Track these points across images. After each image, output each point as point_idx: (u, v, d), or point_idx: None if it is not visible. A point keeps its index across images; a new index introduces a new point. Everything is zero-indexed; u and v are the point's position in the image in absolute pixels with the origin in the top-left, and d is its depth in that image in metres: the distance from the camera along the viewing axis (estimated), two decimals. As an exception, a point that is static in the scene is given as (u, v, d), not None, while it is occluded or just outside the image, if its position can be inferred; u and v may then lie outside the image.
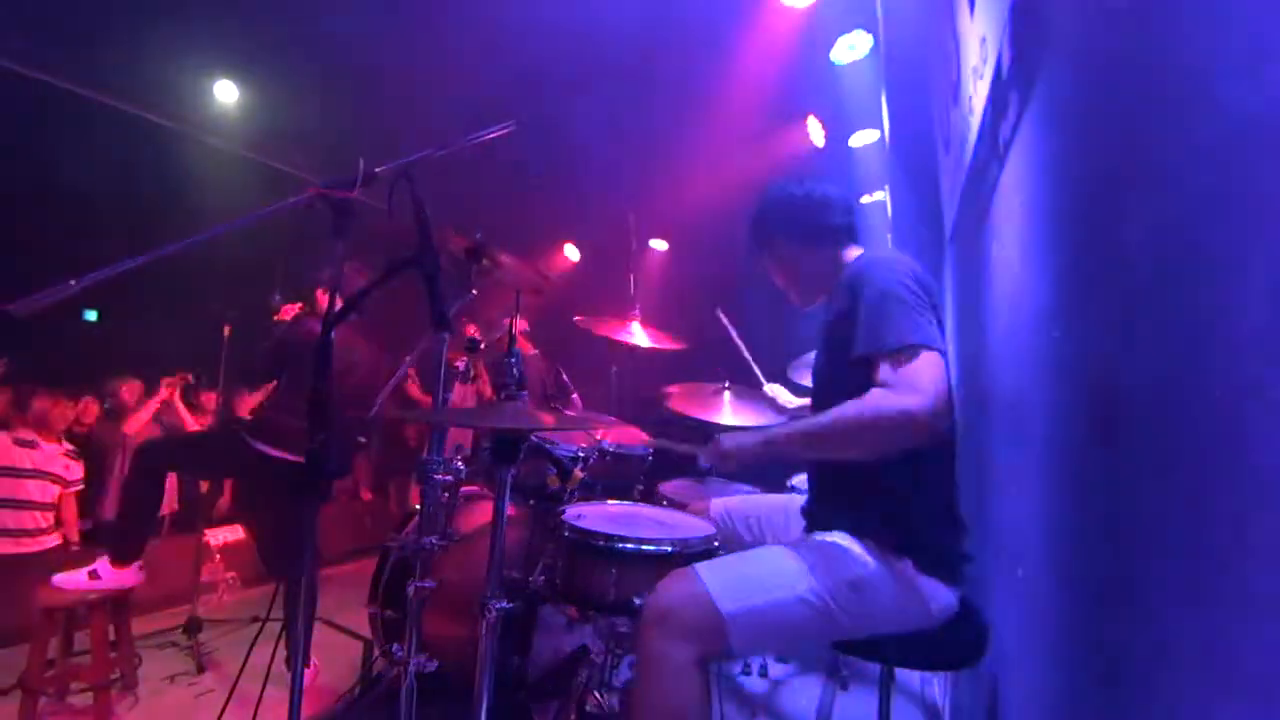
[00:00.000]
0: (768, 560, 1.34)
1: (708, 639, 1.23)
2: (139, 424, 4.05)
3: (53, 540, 3.50)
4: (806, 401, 2.35)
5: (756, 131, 4.71)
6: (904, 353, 1.22)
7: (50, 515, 3.50)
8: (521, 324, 3.71)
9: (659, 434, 2.26)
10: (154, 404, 4.09)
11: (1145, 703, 0.71)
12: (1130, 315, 0.78)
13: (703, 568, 1.30)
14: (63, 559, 3.33)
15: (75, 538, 3.66)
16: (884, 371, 1.23)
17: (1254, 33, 0.52)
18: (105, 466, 4.19)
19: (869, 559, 1.30)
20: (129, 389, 4.39)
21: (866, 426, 1.21)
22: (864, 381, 1.27)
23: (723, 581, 1.26)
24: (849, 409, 1.22)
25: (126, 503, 2.59)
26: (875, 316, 1.28)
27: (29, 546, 3.36)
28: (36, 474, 3.46)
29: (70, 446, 3.70)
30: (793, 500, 1.74)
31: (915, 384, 1.19)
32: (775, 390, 2.38)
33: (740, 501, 1.84)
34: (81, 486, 3.68)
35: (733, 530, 1.75)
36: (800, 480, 2.61)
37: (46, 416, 3.59)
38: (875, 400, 1.21)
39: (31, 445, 3.49)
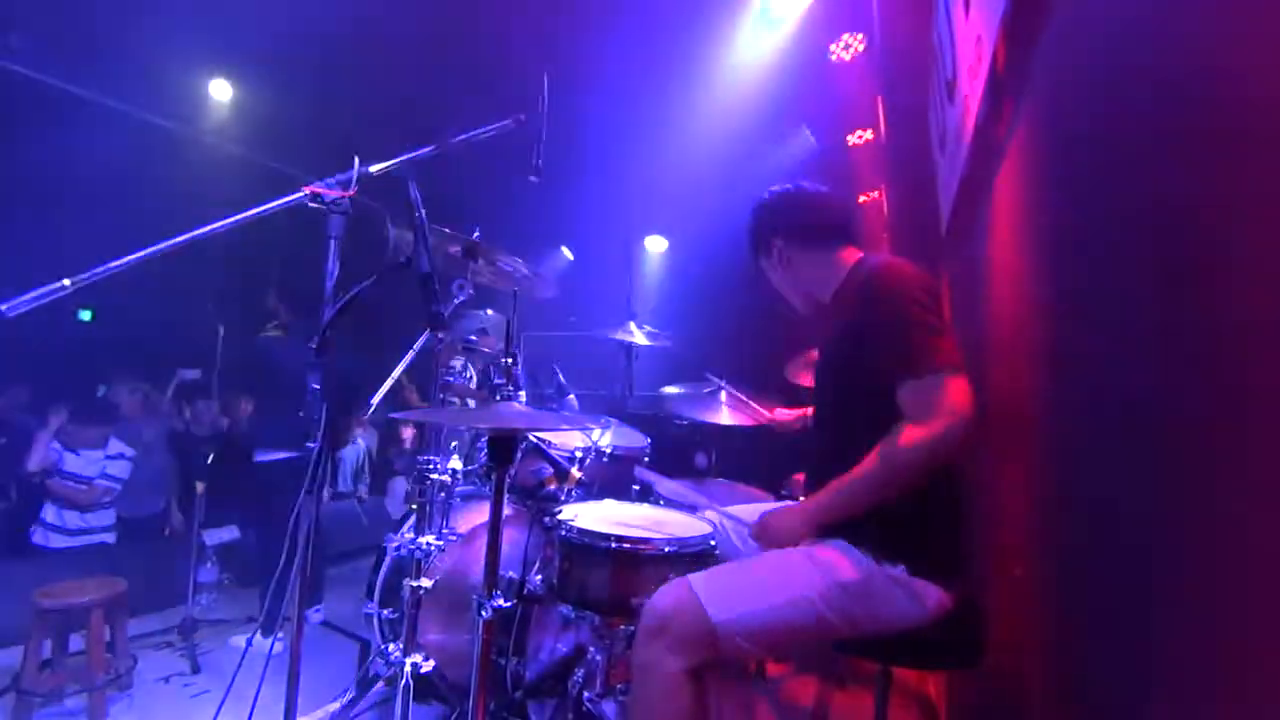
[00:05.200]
0: (761, 568, 1.34)
1: (701, 648, 1.24)
2: None
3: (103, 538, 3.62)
4: (799, 412, 2.35)
5: (755, 131, 4.71)
6: (927, 378, 1.23)
7: (105, 515, 3.63)
8: None
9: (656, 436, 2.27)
10: None
11: (1142, 701, 0.71)
12: (1126, 314, 0.78)
13: (695, 578, 1.31)
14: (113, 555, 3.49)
15: None
16: (908, 398, 1.25)
17: (1251, 30, 0.52)
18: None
19: (863, 565, 1.30)
20: (131, 401, 4.34)
21: (902, 465, 1.23)
22: (877, 394, 1.28)
23: (715, 590, 1.27)
24: (880, 456, 1.24)
25: None
26: (894, 339, 1.28)
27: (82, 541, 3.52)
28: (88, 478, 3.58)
29: (118, 450, 3.71)
30: None
31: (941, 408, 1.21)
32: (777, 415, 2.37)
33: (735, 509, 1.84)
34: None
35: (728, 538, 1.74)
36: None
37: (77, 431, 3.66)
38: (904, 438, 1.23)
39: (75, 451, 3.56)
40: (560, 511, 1.82)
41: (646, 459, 2.39)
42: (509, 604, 1.37)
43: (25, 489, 3.69)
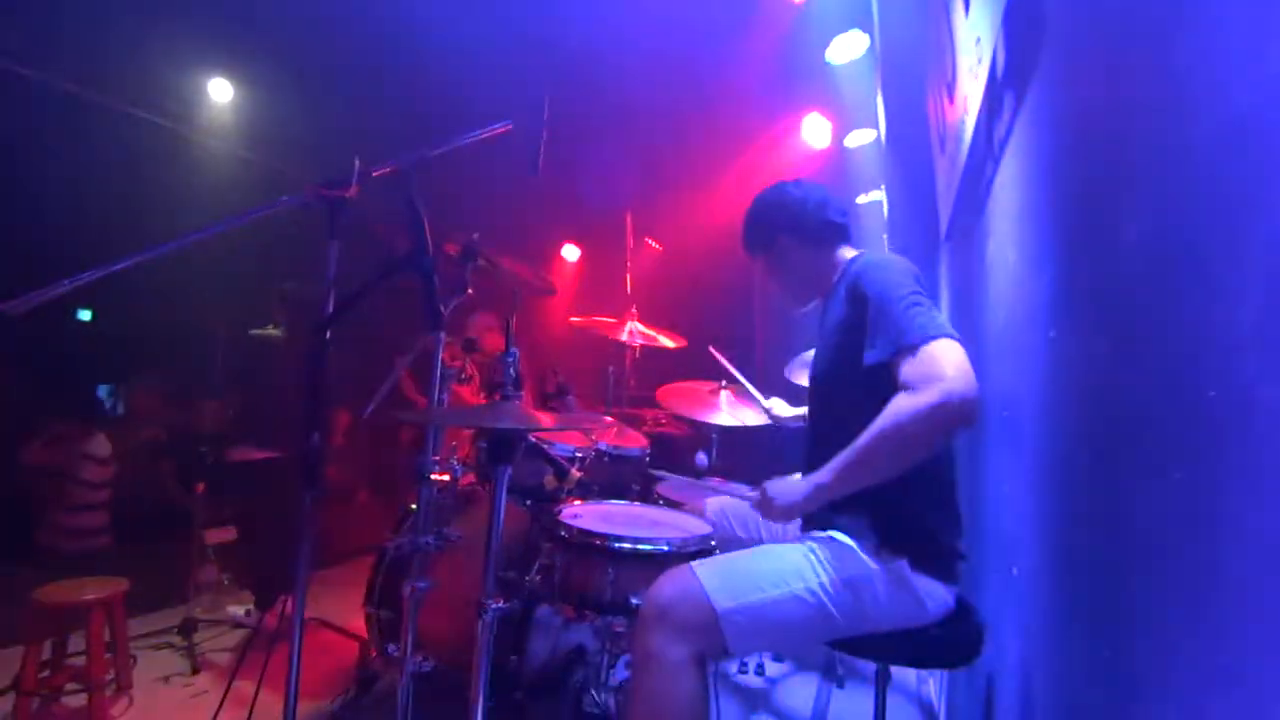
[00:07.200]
0: (764, 558, 1.34)
1: (703, 637, 1.23)
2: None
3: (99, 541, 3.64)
4: (803, 410, 2.35)
5: (754, 131, 4.72)
6: (921, 347, 1.22)
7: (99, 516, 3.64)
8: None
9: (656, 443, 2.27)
10: None
11: (1141, 701, 0.71)
12: (1126, 315, 0.79)
13: (699, 565, 1.30)
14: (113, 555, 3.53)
15: None
16: (906, 371, 1.23)
17: (1248, 31, 0.53)
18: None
19: (864, 557, 1.30)
20: (146, 400, 4.32)
21: (907, 434, 1.19)
22: (872, 384, 1.27)
23: (719, 579, 1.26)
24: (881, 424, 1.20)
25: None
26: (887, 320, 1.28)
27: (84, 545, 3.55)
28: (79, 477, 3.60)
29: (100, 452, 3.70)
30: None
31: (939, 373, 1.18)
32: (774, 403, 2.37)
33: (736, 501, 1.85)
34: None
35: (729, 530, 1.75)
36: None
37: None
38: (903, 404, 1.19)
39: (79, 450, 3.57)
40: (560, 511, 1.83)
41: (648, 459, 2.40)
42: (509, 604, 1.37)
43: (30, 487, 3.69)
